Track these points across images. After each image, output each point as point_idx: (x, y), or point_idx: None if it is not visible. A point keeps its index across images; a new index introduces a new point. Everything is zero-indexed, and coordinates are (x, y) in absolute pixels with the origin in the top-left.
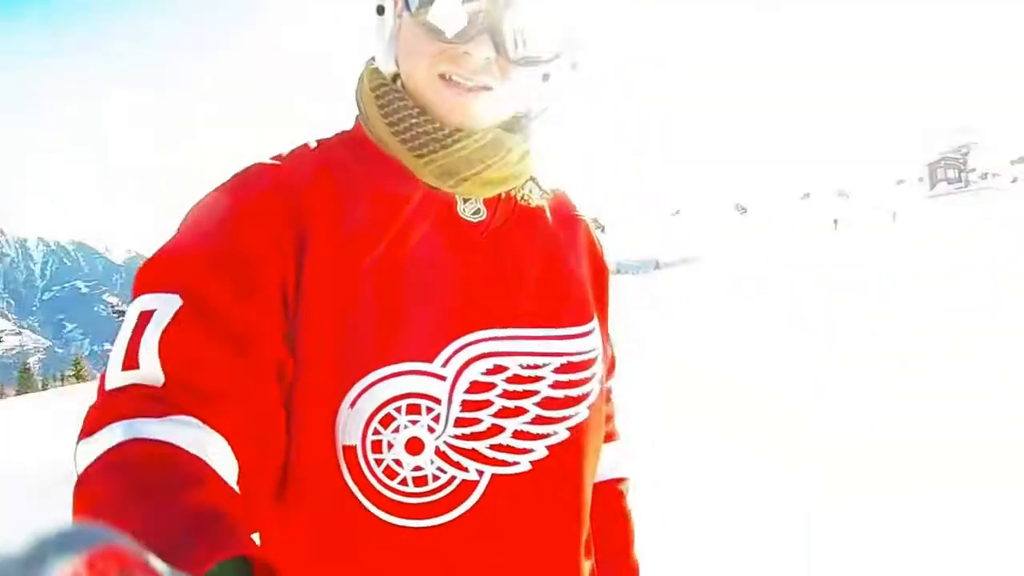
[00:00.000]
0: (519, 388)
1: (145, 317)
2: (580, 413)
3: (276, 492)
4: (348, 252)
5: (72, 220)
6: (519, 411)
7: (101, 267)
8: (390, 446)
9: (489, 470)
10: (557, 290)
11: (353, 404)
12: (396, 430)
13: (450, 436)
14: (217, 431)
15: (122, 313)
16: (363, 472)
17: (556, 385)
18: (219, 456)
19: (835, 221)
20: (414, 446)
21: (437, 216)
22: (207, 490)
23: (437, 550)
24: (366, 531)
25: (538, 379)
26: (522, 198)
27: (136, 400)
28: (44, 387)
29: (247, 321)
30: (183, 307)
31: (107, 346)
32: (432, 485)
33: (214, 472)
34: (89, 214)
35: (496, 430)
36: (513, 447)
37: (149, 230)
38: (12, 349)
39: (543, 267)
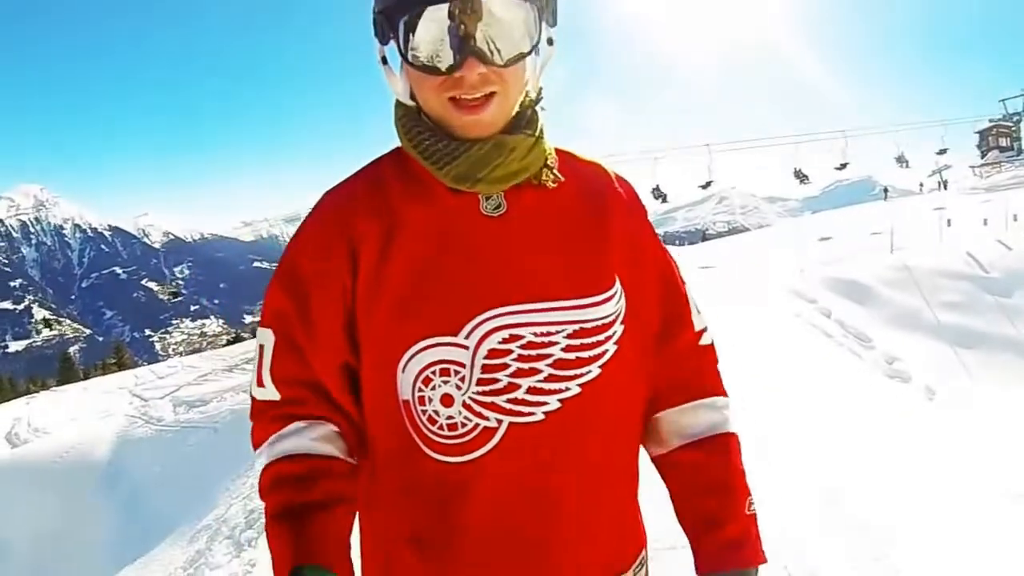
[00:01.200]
0: (533, 352)
1: (261, 349)
2: (591, 371)
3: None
4: (392, 254)
5: (107, 204)
6: (533, 371)
7: (139, 252)
8: (430, 400)
9: (507, 419)
10: (574, 264)
11: (404, 369)
12: (433, 388)
13: (474, 392)
14: (318, 418)
15: (176, 295)
16: (416, 419)
17: (568, 349)
18: (325, 435)
19: (885, 190)
20: (447, 400)
21: (463, 216)
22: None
23: (470, 480)
24: (421, 464)
25: (551, 344)
26: (540, 184)
27: (268, 419)
28: (86, 376)
29: (315, 345)
30: (277, 342)
31: (147, 332)
32: (461, 431)
33: (329, 463)
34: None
35: (512, 387)
36: (528, 400)
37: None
38: (52, 339)
39: (561, 244)
